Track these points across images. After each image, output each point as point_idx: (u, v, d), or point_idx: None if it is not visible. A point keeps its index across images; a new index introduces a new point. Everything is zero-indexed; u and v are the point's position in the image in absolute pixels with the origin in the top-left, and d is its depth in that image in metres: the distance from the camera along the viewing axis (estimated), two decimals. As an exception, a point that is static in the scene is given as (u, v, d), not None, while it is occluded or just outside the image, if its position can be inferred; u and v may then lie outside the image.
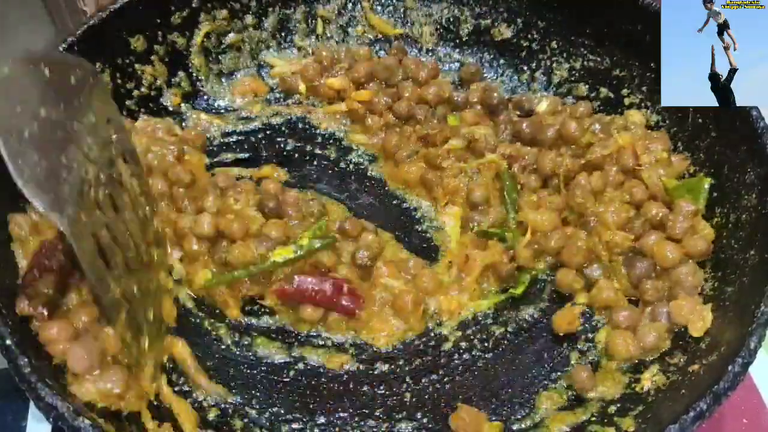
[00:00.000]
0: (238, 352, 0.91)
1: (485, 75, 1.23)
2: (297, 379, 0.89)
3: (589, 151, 1.00)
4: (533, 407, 0.86)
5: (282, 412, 0.86)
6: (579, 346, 0.91)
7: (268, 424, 0.85)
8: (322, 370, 0.89)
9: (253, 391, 0.87)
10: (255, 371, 0.89)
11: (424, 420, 0.85)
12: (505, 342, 0.92)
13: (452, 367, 0.90)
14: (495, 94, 1.13)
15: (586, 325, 0.93)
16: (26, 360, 0.71)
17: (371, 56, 1.22)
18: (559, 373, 0.88)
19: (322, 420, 0.85)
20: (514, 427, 0.84)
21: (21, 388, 0.72)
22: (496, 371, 0.90)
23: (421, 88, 1.15)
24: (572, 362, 0.89)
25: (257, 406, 0.86)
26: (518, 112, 1.13)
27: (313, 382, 0.88)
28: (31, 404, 0.89)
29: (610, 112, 1.12)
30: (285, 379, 0.89)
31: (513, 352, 0.91)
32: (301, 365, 0.90)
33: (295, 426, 0.84)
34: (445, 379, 0.89)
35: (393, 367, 0.90)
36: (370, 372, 0.89)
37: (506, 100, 1.15)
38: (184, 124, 1.16)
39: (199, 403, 0.85)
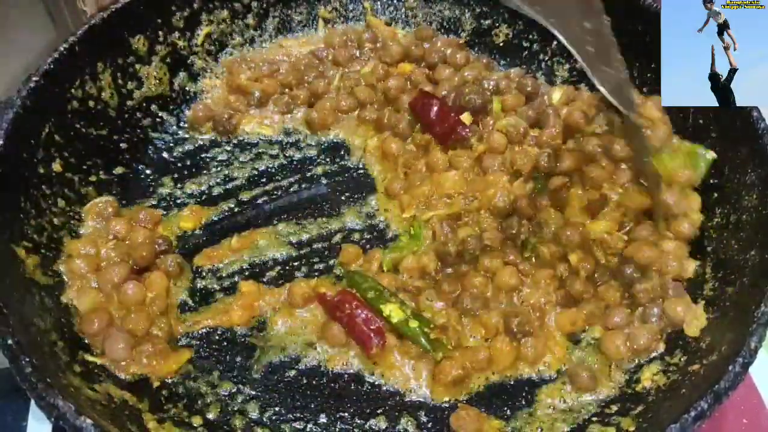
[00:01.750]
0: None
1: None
2: (298, 379, 0.89)
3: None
4: (533, 407, 0.86)
5: (283, 411, 0.86)
6: (580, 346, 0.91)
7: (269, 423, 0.85)
8: (323, 370, 0.89)
9: (255, 391, 0.88)
10: (256, 371, 0.90)
11: (425, 419, 0.85)
12: (506, 341, 0.92)
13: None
14: (529, 82, 1.13)
15: (587, 325, 0.93)
16: (27, 360, 0.72)
17: (395, 37, 1.24)
18: (559, 373, 0.88)
19: (323, 419, 0.85)
20: (514, 427, 0.84)
21: (22, 387, 0.72)
22: (496, 370, 0.90)
23: (459, 71, 1.16)
24: (573, 362, 0.89)
25: (258, 405, 0.86)
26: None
27: (314, 382, 0.88)
28: (32, 404, 0.89)
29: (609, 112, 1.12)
30: (286, 379, 0.89)
31: (514, 351, 0.91)
32: (301, 365, 0.90)
33: (296, 425, 0.85)
34: (446, 379, 0.89)
35: (394, 366, 0.90)
36: (372, 371, 0.89)
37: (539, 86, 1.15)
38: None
39: (200, 401, 0.86)
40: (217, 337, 0.92)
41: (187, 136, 1.14)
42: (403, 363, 0.88)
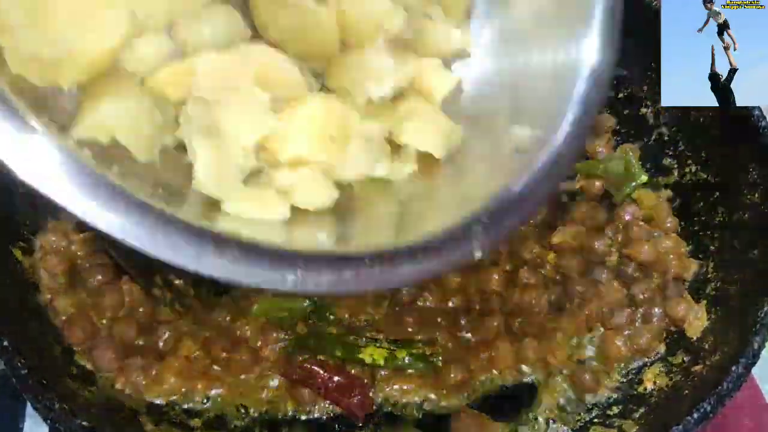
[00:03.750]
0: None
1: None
2: (297, 381, 0.88)
3: None
4: (534, 409, 0.85)
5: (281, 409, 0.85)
6: (581, 347, 0.90)
7: (269, 421, 0.84)
8: (321, 372, 0.89)
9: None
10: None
11: (425, 421, 0.84)
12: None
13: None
14: None
15: (589, 326, 0.92)
16: (23, 361, 0.71)
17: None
18: (560, 374, 0.88)
19: (324, 419, 0.84)
20: (515, 430, 0.83)
21: (18, 389, 0.71)
22: (497, 372, 0.89)
23: None
24: (574, 363, 0.89)
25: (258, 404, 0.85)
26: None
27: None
28: (28, 405, 0.88)
29: (610, 112, 1.11)
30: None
31: (515, 353, 0.91)
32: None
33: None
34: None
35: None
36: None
37: None
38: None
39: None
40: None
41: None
42: (404, 387, 0.86)
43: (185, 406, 0.83)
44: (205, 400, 0.84)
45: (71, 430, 0.68)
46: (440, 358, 0.85)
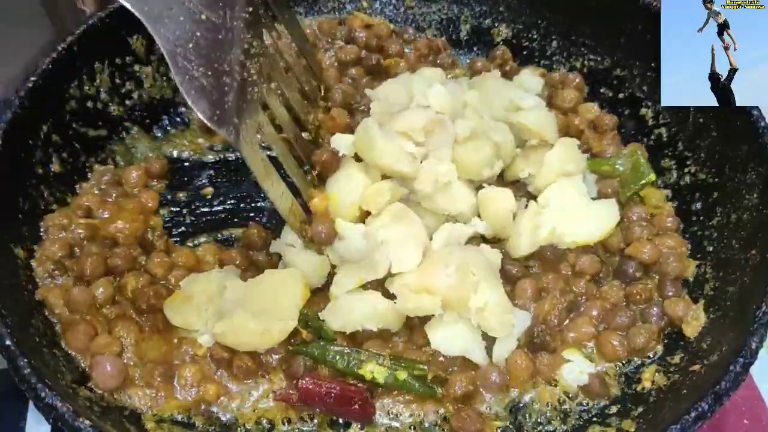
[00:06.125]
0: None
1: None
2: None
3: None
4: (534, 408, 0.85)
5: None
6: (581, 347, 0.90)
7: (269, 423, 0.84)
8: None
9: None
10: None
11: (425, 420, 0.84)
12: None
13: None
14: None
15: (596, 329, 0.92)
16: (26, 361, 0.71)
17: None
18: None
19: (325, 422, 0.85)
20: (515, 428, 0.83)
21: (20, 388, 0.71)
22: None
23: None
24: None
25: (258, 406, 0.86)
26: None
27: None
28: (31, 405, 0.89)
29: (610, 112, 1.12)
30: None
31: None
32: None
33: (298, 425, 0.84)
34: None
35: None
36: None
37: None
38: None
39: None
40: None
41: (186, 141, 1.14)
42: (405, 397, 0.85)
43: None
44: (208, 403, 0.84)
45: (73, 429, 0.69)
46: (441, 379, 0.83)
